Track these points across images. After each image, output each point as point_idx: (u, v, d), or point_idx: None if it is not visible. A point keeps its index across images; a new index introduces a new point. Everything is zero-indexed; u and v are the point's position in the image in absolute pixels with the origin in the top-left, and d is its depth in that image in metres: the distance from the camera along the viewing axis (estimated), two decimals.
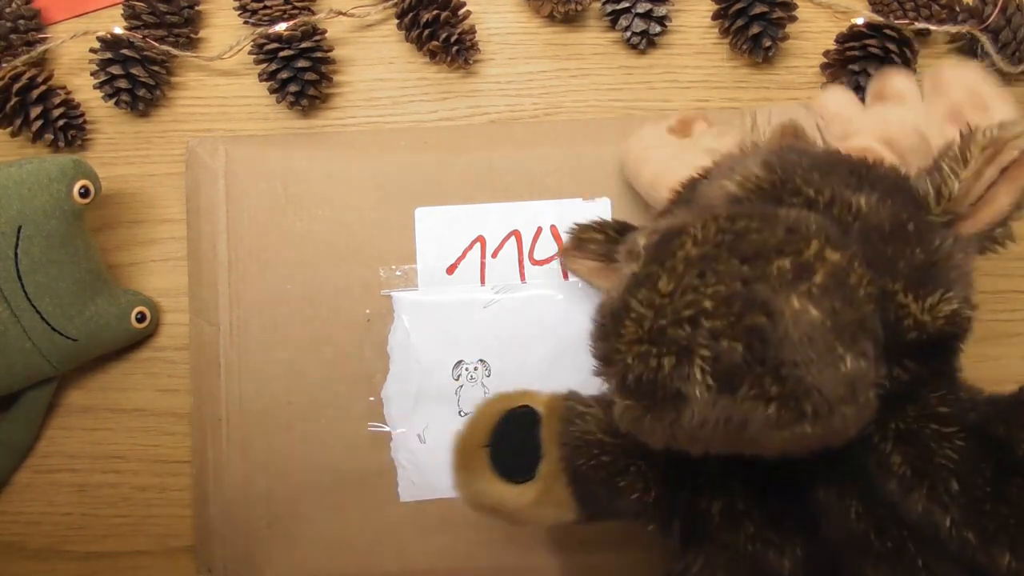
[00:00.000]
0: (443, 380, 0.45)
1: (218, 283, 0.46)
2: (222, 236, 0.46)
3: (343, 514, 0.44)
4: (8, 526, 0.47)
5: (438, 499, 0.44)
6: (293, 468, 0.45)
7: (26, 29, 0.48)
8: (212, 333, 0.46)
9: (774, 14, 0.47)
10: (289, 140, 0.48)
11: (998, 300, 0.48)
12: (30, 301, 0.42)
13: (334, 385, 0.45)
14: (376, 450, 0.45)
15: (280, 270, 0.46)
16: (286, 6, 0.48)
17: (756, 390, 0.25)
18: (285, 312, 0.46)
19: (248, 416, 0.45)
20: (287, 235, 0.46)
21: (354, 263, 0.46)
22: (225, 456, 0.45)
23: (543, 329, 0.45)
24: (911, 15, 0.48)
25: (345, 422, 0.45)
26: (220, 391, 0.45)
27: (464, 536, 0.44)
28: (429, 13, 0.47)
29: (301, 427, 0.45)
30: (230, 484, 0.45)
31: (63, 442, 0.47)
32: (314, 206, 0.46)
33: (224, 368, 0.45)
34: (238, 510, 0.44)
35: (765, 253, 0.26)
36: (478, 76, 0.50)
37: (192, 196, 0.47)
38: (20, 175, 0.41)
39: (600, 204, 0.46)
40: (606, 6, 0.49)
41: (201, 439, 0.45)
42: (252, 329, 0.46)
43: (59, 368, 0.44)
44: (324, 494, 0.45)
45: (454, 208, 0.46)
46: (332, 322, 0.45)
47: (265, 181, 0.47)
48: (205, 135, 0.49)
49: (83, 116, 0.48)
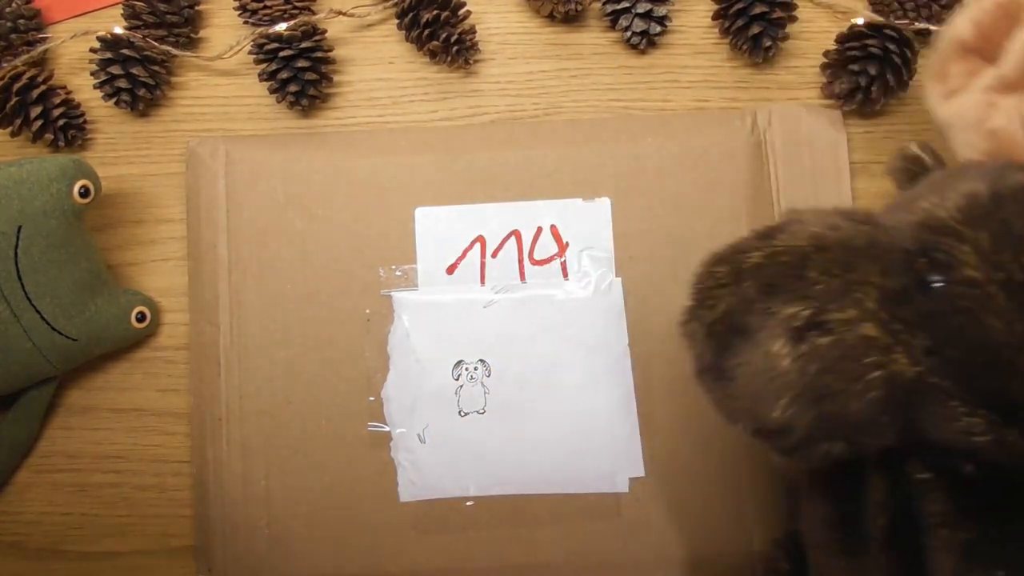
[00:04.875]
0: (443, 380, 0.45)
1: (218, 283, 0.46)
2: (222, 236, 0.46)
3: (343, 514, 0.44)
4: (8, 526, 0.46)
5: (438, 499, 0.44)
6: (293, 468, 0.45)
7: (26, 29, 0.48)
8: (212, 333, 0.46)
9: (774, 14, 0.47)
10: (289, 140, 0.48)
11: None
12: (30, 301, 0.42)
13: (334, 385, 0.45)
14: (376, 450, 0.45)
15: (280, 270, 0.46)
16: (286, 6, 0.48)
17: (706, 382, 0.31)
18: (285, 312, 0.46)
19: (248, 416, 0.45)
20: (287, 235, 0.46)
21: (354, 263, 0.46)
22: (225, 456, 0.45)
23: (543, 329, 0.45)
24: (911, 15, 0.48)
25: (345, 422, 0.45)
26: (220, 391, 0.45)
27: (465, 536, 0.44)
28: (429, 13, 0.47)
29: (301, 427, 0.45)
30: (230, 484, 0.45)
31: (63, 442, 0.47)
32: (314, 206, 0.46)
33: (224, 368, 0.45)
34: (238, 510, 0.44)
35: (792, 297, 0.28)
36: (478, 76, 0.50)
37: (192, 196, 0.47)
38: (20, 175, 0.41)
39: (600, 204, 0.46)
40: (606, 6, 0.49)
41: (201, 439, 0.45)
42: (252, 329, 0.46)
43: (59, 368, 0.44)
44: (324, 494, 0.44)
45: (454, 208, 0.46)
46: (332, 322, 0.45)
47: (265, 181, 0.47)
48: (205, 135, 0.49)
49: (83, 116, 0.48)
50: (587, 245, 0.46)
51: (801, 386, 0.28)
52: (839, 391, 0.28)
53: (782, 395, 0.28)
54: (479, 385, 0.45)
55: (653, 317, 0.45)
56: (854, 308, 0.28)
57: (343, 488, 0.44)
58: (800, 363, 0.28)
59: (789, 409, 0.28)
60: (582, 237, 0.46)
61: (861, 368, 0.27)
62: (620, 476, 0.44)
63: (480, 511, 0.44)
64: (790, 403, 0.28)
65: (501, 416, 0.45)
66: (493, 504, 0.44)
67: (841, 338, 0.28)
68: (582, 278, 0.46)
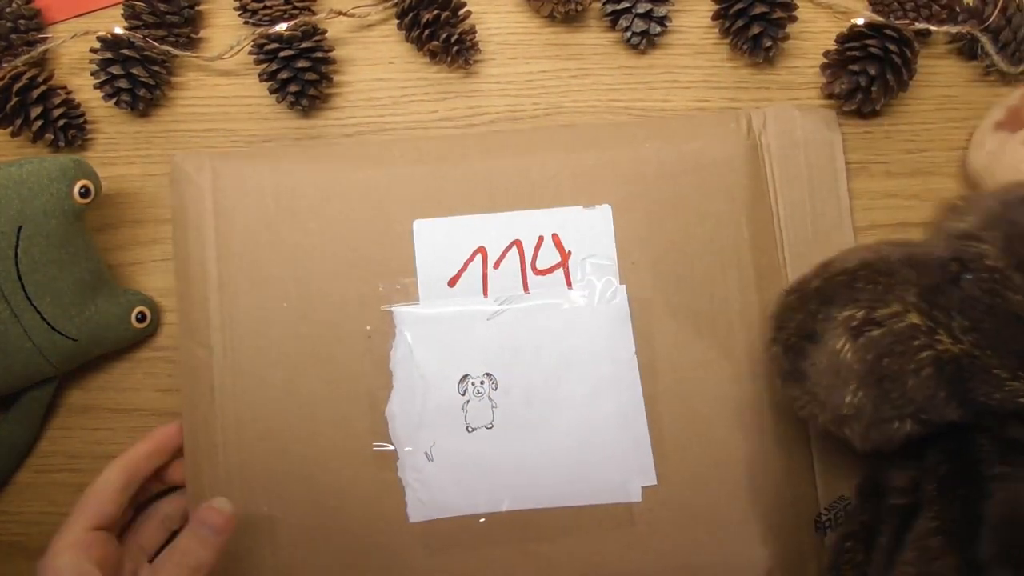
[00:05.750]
0: (449, 395, 0.44)
1: (209, 303, 0.44)
2: (211, 254, 0.45)
3: (351, 538, 0.43)
4: (8, 526, 0.47)
5: (449, 518, 0.43)
6: (296, 493, 0.43)
7: (26, 29, 0.48)
8: (204, 356, 0.44)
9: (774, 14, 0.47)
10: (279, 152, 0.47)
11: None
12: (30, 301, 0.42)
13: (335, 405, 0.44)
14: (382, 470, 0.43)
15: (274, 287, 0.45)
16: (286, 6, 0.48)
17: (792, 389, 0.37)
18: (280, 331, 0.44)
19: (245, 441, 0.43)
20: (280, 251, 0.45)
21: (351, 278, 0.45)
22: (223, 484, 0.43)
23: (549, 339, 0.44)
24: (911, 15, 0.48)
25: (348, 442, 0.44)
26: (215, 416, 0.44)
27: (477, 554, 0.43)
28: (429, 13, 0.47)
29: (302, 450, 0.43)
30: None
31: (63, 442, 0.47)
32: (307, 220, 0.45)
33: (218, 392, 0.44)
34: (240, 539, 0.42)
35: (848, 301, 0.35)
36: (478, 76, 0.50)
37: (178, 213, 0.45)
38: (20, 175, 0.41)
39: (601, 211, 0.45)
40: (606, 6, 0.49)
41: (196, 467, 0.43)
42: (246, 350, 0.44)
43: (59, 368, 0.44)
44: (330, 518, 0.43)
45: (453, 219, 0.45)
46: (330, 340, 0.44)
47: (255, 196, 0.45)
48: (205, 135, 0.49)
49: (83, 116, 0.48)
50: (590, 253, 0.45)
51: (864, 372, 0.34)
52: (896, 372, 0.34)
53: (849, 382, 0.35)
54: (486, 399, 0.44)
55: (658, 323, 0.45)
56: (898, 303, 0.34)
57: (350, 511, 0.43)
58: (860, 353, 0.34)
59: (857, 394, 0.35)
60: (584, 245, 0.45)
61: (912, 350, 0.34)
62: (632, 485, 0.43)
63: (492, 528, 0.43)
64: (857, 388, 0.35)
65: (510, 430, 0.44)
66: (505, 520, 0.43)
67: (890, 328, 0.34)
68: (586, 286, 0.45)
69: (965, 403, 0.34)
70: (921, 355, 0.34)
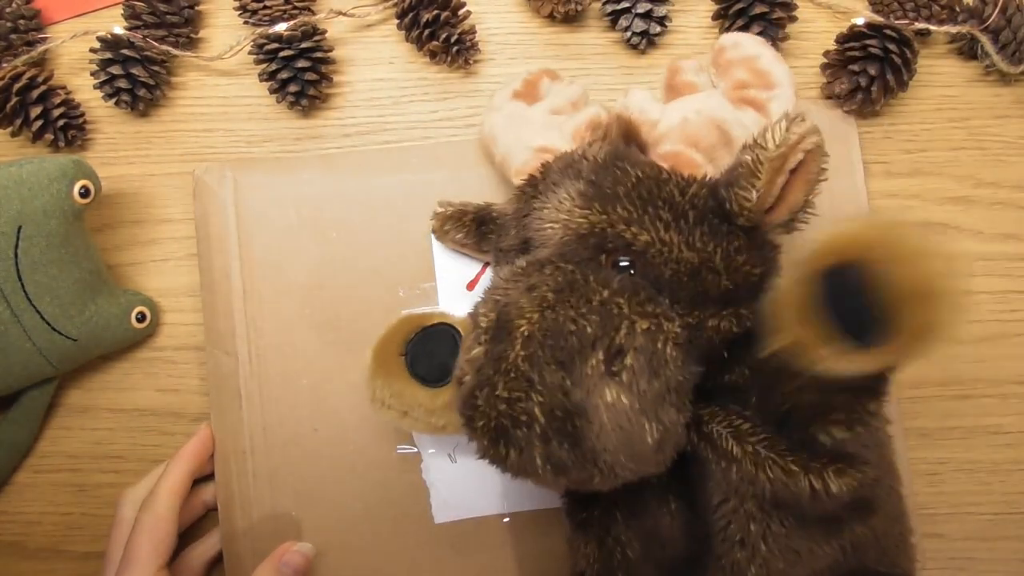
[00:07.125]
0: None
1: (233, 312, 0.45)
2: (235, 264, 0.46)
3: (378, 541, 0.44)
4: (8, 526, 0.47)
5: (474, 518, 0.44)
6: (323, 496, 0.44)
7: (26, 29, 0.48)
8: (230, 364, 0.45)
9: (774, 14, 0.47)
10: (298, 163, 0.48)
11: (998, 300, 0.48)
12: (30, 301, 0.42)
13: (359, 409, 0.45)
14: (407, 472, 0.44)
15: (297, 295, 0.46)
16: (286, 6, 0.48)
17: (582, 473, 0.31)
18: (304, 338, 0.45)
19: (273, 447, 0.45)
20: (302, 259, 0.46)
21: (372, 284, 0.46)
22: (252, 490, 0.44)
23: None
24: (911, 15, 0.48)
25: (373, 446, 0.44)
26: (243, 423, 0.45)
27: (502, 554, 0.44)
28: (429, 13, 0.47)
29: (329, 454, 0.44)
30: (259, 518, 0.44)
31: (63, 442, 0.47)
32: (328, 228, 0.46)
33: (245, 399, 0.45)
34: (269, 545, 0.43)
35: (582, 351, 0.31)
36: (478, 76, 0.50)
37: (202, 225, 0.47)
38: (20, 175, 0.41)
39: None
40: (606, 6, 0.49)
41: (226, 474, 0.44)
42: (271, 357, 0.45)
43: (59, 368, 0.44)
44: (357, 521, 0.44)
45: None
46: (354, 345, 0.45)
47: (276, 206, 0.46)
48: (205, 135, 0.49)
49: (83, 116, 0.48)
50: None
51: (653, 396, 0.31)
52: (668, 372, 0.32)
53: (641, 418, 0.30)
54: None
55: None
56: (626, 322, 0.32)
57: (376, 514, 0.44)
58: (634, 387, 0.31)
59: (660, 419, 0.31)
60: None
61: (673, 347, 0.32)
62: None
63: (516, 527, 0.44)
64: (652, 415, 0.31)
65: None
66: (529, 519, 0.44)
67: (639, 345, 0.31)
68: None
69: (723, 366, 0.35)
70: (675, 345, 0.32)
